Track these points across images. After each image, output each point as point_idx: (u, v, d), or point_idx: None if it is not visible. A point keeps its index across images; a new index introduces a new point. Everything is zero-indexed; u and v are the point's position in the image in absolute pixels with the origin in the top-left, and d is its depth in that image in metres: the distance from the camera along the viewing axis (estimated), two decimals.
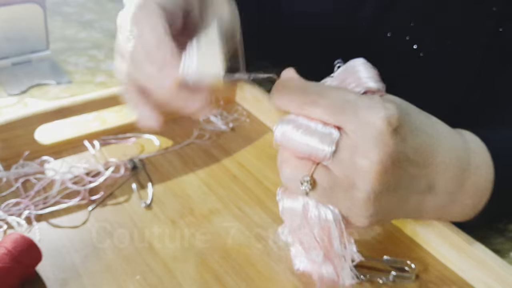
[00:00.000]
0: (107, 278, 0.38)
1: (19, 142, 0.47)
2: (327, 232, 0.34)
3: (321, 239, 0.34)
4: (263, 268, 0.40)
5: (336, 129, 0.32)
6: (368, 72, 0.34)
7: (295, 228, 0.35)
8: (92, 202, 0.45)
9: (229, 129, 0.57)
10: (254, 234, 0.43)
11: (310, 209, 0.34)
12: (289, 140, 0.33)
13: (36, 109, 0.48)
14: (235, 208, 0.46)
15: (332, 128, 0.32)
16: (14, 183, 0.45)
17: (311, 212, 0.34)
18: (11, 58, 0.67)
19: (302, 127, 0.32)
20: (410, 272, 0.40)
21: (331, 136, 0.32)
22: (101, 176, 0.47)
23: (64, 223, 0.43)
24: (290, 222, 0.36)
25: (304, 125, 0.33)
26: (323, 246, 0.34)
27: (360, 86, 0.34)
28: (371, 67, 0.35)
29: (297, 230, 0.35)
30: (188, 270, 0.39)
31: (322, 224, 0.34)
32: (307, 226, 0.34)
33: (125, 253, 0.40)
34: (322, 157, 0.32)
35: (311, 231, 0.34)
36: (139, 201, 0.45)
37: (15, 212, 0.43)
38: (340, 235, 0.34)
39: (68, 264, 0.39)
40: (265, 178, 0.50)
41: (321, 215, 0.33)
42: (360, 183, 0.32)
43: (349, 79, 0.35)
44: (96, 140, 0.52)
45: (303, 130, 0.32)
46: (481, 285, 0.39)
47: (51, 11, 0.84)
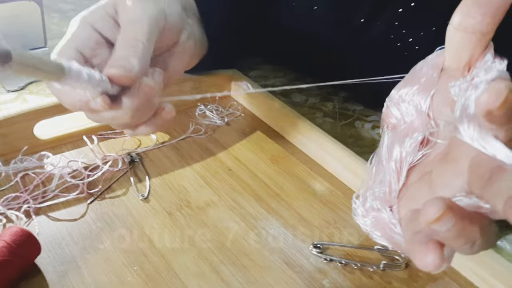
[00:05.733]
0: (106, 270, 0.39)
1: (18, 137, 0.48)
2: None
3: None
4: (257, 258, 0.41)
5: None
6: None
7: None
8: (91, 196, 0.46)
9: (224, 123, 0.57)
10: (249, 225, 0.44)
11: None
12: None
13: (35, 105, 0.48)
14: (230, 200, 0.46)
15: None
16: (13, 178, 0.46)
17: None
18: None
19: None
20: (400, 261, 0.41)
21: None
22: (99, 170, 0.48)
23: (63, 216, 0.43)
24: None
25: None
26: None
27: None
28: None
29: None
30: (185, 260, 0.40)
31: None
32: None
33: (123, 245, 0.41)
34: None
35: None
36: (136, 194, 0.46)
37: (14, 206, 0.43)
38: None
39: (67, 256, 0.40)
40: (259, 171, 0.50)
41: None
42: None
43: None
44: (94, 135, 0.52)
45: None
46: (470, 274, 0.40)
47: (48, 8, 0.85)
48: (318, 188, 0.49)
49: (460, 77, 0.27)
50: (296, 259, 0.41)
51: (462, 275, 0.40)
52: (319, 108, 0.64)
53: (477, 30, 0.25)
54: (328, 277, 0.40)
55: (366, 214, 0.32)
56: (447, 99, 0.28)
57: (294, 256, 0.41)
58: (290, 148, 0.54)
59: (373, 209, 0.31)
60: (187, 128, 0.56)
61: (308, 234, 0.44)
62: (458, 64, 0.27)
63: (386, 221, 0.30)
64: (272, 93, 0.59)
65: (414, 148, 0.30)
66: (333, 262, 0.41)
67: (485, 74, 0.25)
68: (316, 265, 0.41)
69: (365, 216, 0.32)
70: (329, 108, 0.64)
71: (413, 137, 0.30)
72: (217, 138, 0.55)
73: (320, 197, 0.48)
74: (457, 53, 0.27)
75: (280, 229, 0.44)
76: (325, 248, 0.42)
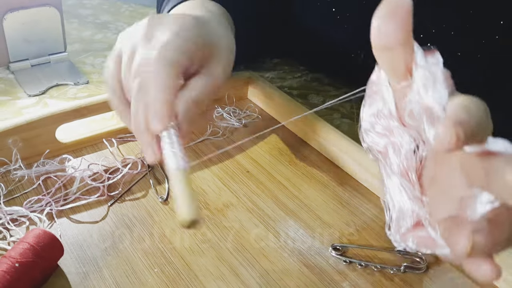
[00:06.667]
0: (127, 271, 0.39)
1: (40, 141, 0.49)
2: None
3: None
4: (277, 260, 0.41)
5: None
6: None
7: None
8: (111, 198, 0.46)
9: (242, 125, 0.58)
10: (268, 227, 0.44)
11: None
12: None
13: (56, 109, 0.49)
14: (249, 202, 0.47)
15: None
16: (35, 181, 0.47)
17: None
18: (30, 60, 0.69)
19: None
20: (421, 263, 0.40)
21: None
22: (119, 173, 0.48)
23: (84, 218, 0.44)
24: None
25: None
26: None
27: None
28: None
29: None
30: (204, 262, 0.40)
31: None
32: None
33: (143, 246, 0.41)
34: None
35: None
36: (156, 196, 0.47)
37: (37, 209, 0.44)
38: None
39: (88, 258, 0.40)
40: (277, 172, 0.50)
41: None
42: None
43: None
44: (114, 138, 0.53)
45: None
46: None
47: (68, 13, 0.86)
48: (336, 189, 0.49)
49: (406, 80, 0.28)
50: (316, 261, 0.41)
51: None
52: (337, 109, 0.64)
53: (396, 44, 0.26)
54: (348, 279, 0.39)
55: (405, 239, 0.31)
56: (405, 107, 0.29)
57: (313, 258, 0.41)
58: (307, 149, 0.54)
59: (409, 231, 0.30)
60: (205, 131, 0.56)
61: (327, 236, 0.43)
62: (398, 77, 0.28)
63: (426, 237, 0.29)
64: (289, 94, 0.59)
65: (410, 157, 0.30)
66: (352, 264, 0.41)
67: (422, 76, 0.26)
68: (335, 267, 0.40)
69: (406, 241, 0.31)
70: (346, 109, 0.64)
71: (405, 150, 0.30)
72: (235, 140, 0.55)
73: (338, 198, 0.48)
74: (391, 69, 0.28)
75: (299, 231, 0.44)
76: (344, 250, 0.42)
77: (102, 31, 0.82)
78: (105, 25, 0.85)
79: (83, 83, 0.67)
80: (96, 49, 0.77)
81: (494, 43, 0.50)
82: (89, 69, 0.71)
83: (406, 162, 0.30)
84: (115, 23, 0.86)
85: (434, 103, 0.26)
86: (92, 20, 0.87)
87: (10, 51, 0.68)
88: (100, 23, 0.85)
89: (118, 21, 0.87)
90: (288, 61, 0.74)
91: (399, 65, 0.27)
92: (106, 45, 0.78)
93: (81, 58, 0.74)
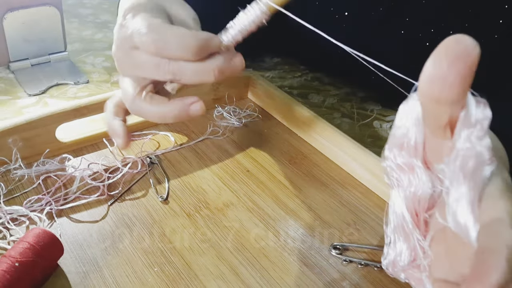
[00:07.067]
0: (127, 270, 0.39)
1: (40, 140, 0.49)
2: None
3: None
4: (277, 259, 0.41)
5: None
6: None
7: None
8: (111, 197, 0.46)
9: (242, 124, 0.58)
10: (268, 226, 0.44)
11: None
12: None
13: (56, 109, 0.49)
14: (249, 201, 0.47)
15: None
16: (35, 180, 0.47)
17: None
18: (30, 59, 0.69)
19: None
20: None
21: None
22: (119, 172, 0.48)
23: (84, 218, 0.44)
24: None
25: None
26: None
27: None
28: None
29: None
30: (204, 262, 0.40)
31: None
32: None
33: (143, 246, 0.41)
34: None
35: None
36: (156, 195, 0.47)
37: (37, 208, 0.44)
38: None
39: (88, 257, 0.40)
40: (277, 172, 0.50)
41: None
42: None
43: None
44: None
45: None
46: None
47: (68, 13, 0.86)
48: (336, 189, 0.49)
49: (442, 137, 0.24)
50: (316, 261, 0.41)
51: None
52: (337, 108, 0.64)
53: (451, 100, 0.21)
54: (348, 278, 0.39)
55: (397, 274, 0.30)
56: (437, 154, 0.25)
57: (313, 257, 0.41)
58: (308, 149, 0.54)
59: (403, 271, 0.30)
60: (205, 130, 0.56)
61: (327, 235, 0.43)
62: (438, 125, 0.23)
63: (418, 278, 0.29)
64: (290, 94, 0.59)
65: (424, 199, 0.28)
66: (353, 264, 0.41)
67: (467, 132, 0.22)
68: (335, 267, 0.40)
69: (398, 275, 0.30)
70: (347, 108, 0.64)
71: (421, 190, 0.27)
72: (235, 139, 0.55)
73: (338, 198, 0.48)
74: (434, 119, 0.23)
75: (299, 230, 0.44)
76: (344, 249, 0.42)
77: (102, 30, 0.82)
78: (105, 25, 0.85)
79: (83, 83, 0.67)
80: (96, 48, 0.77)
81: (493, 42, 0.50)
82: (89, 68, 0.71)
83: (418, 203, 0.28)
84: (115, 22, 0.86)
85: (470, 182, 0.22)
86: (92, 19, 0.87)
87: (10, 50, 0.68)
88: (100, 23, 0.85)
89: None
90: (288, 60, 0.74)
91: (443, 118, 0.23)
92: (106, 44, 0.78)
93: (81, 58, 0.74)
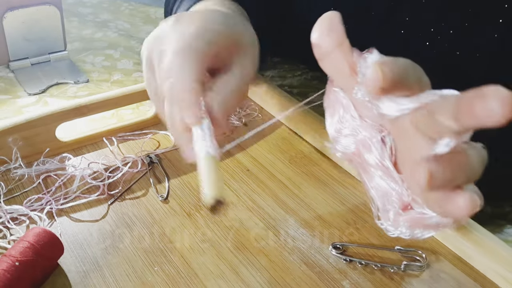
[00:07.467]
0: (127, 270, 0.39)
1: (40, 139, 0.49)
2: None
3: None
4: (277, 259, 0.41)
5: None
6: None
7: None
8: (111, 197, 0.46)
9: (242, 124, 0.58)
10: (268, 225, 0.44)
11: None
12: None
13: (56, 108, 0.49)
14: (249, 201, 0.47)
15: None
16: (35, 180, 0.47)
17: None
18: (30, 59, 0.69)
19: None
20: (421, 262, 0.40)
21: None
22: (119, 172, 0.48)
23: (84, 217, 0.44)
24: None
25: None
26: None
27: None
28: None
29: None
30: (204, 261, 0.40)
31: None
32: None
33: (143, 245, 0.41)
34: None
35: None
36: (156, 195, 0.47)
37: (37, 207, 0.44)
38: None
39: (89, 257, 0.40)
40: (278, 171, 0.50)
41: None
42: None
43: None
44: (114, 137, 0.53)
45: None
46: (493, 274, 0.39)
47: (68, 12, 0.86)
48: (336, 188, 0.49)
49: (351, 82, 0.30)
50: (316, 260, 0.41)
51: (487, 277, 0.40)
52: None
53: (332, 47, 0.30)
54: (348, 277, 0.39)
55: (397, 225, 0.32)
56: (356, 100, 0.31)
57: (313, 256, 0.41)
58: (307, 148, 0.54)
59: (398, 215, 0.32)
60: None
61: (327, 234, 0.43)
62: (345, 78, 0.30)
63: (415, 217, 0.31)
64: (290, 93, 0.59)
65: (380, 147, 0.32)
66: (353, 263, 0.41)
67: (364, 69, 0.29)
68: (336, 266, 0.40)
69: (398, 226, 0.32)
70: None
71: (373, 142, 0.32)
72: (235, 138, 0.55)
73: (339, 197, 0.48)
74: (336, 71, 0.31)
75: (299, 230, 0.44)
76: (344, 248, 0.42)
77: (102, 29, 0.82)
78: (105, 24, 0.85)
79: (83, 82, 0.67)
80: (96, 47, 0.77)
81: (493, 42, 0.50)
82: (89, 67, 0.71)
83: (378, 153, 0.32)
84: (115, 22, 0.86)
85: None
86: (92, 18, 0.86)
87: (10, 49, 0.68)
88: (100, 22, 0.85)
89: (118, 20, 0.86)
90: (288, 59, 0.74)
91: (342, 67, 0.30)
92: (106, 43, 0.78)
93: (81, 57, 0.74)
